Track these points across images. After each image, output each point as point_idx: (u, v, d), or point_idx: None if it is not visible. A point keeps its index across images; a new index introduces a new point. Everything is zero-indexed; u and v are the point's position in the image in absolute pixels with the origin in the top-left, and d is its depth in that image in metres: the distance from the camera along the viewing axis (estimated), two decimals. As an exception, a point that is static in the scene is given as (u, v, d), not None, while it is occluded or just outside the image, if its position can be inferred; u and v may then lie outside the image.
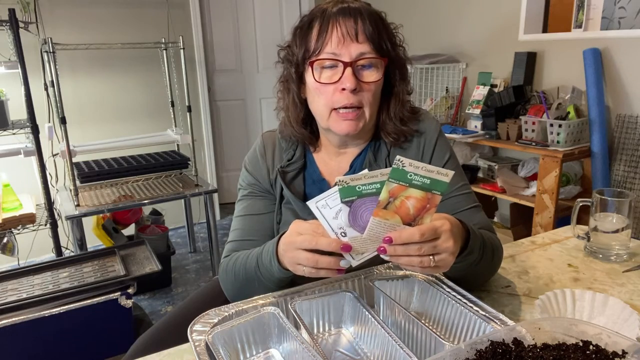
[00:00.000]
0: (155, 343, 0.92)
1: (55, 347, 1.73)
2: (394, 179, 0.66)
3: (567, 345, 0.59)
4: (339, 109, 0.91)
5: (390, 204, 0.68)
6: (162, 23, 3.28)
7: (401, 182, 0.67)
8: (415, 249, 0.68)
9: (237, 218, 1.04)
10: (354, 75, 0.88)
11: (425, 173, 0.66)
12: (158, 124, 3.26)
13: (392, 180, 0.66)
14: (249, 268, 0.89)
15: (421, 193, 0.68)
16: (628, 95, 2.33)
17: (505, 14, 2.80)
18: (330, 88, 0.90)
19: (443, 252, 0.70)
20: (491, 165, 2.80)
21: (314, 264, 0.72)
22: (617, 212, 1.04)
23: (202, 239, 3.41)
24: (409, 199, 0.68)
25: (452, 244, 0.70)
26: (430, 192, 0.68)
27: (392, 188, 0.67)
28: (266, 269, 0.84)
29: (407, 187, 0.67)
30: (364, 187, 0.68)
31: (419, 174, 0.66)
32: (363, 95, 0.90)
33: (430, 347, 0.70)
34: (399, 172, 0.66)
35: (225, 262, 0.98)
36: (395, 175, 0.66)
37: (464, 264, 0.80)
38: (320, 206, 0.71)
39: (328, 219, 0.71)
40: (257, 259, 0.87)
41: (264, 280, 0.86)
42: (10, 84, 2.55)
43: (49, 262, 1.94)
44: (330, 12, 0.90)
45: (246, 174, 1.06)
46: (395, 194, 0.67)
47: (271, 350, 0.77)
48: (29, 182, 2.83)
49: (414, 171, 0.66)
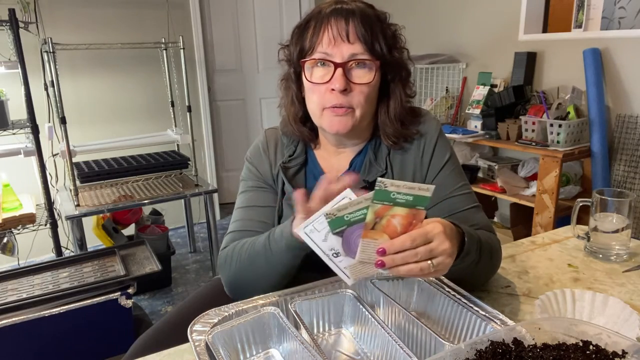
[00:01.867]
0: (155, 343, 0.92)
1: (55, 347, 1.73)
2: (378, 200, 0.68)
3: (567, 345, 0.59)
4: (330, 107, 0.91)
5: (377, 224, 0.69)
6: (162, 23, 3.28)
7: (385, 202, 0.68)
8: (411, 256, 0.68)
9: (239, 209, 1.04)
10: (344, 76, 0.88)
11: (407, 190, 0.68)
12: (158, 124, 3.26)
13: (377, 202, 0.68)
14: (258, 245, 0.89)
15: (405, 210, 0.69)
16: (628, 95, 2.33)
17: (505, 14, 2.80)
18: (322, 88, 0.91)
19: (440, 254, 0.69)
20: (491, 165, 2.80)
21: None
22: (617, 212, 1.04)
23: (202, 239, 3.41)
24: (394, 217, 0.69)
25: (448, 245, 0.70)
26: (415, 208, 0.69)
27: (377, 209, 0.69)
28: (276, 243, 0.85)
29: (391, 206, 0.69)
30: (351, 215, 0.70)
31: (401, 192, 0.68)
32: (354, 96, 0.90)
33: (430, 347, 0.70)
34: (382, 193, 0.68)
35: (225, 251, 0.98)
36: (379, 196, 0.68)
37: (462, 266, 0.80)
38: (308, 231, 0.73)
39: (318, 242, 0.72)
40: (268, 235, 0.88)
41: (272, 257, 0.87)
42: (10, 84, 2.55)
43: (49, 262, 1.93)
44: (324, 12, 0.91)
45: (249, 166, 1.06)
46: (380, 214, 0.69)
47: (271, 350, 0.77)
48: (29, 182, 2.82)
49: (396, 190, 0.68)
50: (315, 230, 0.72)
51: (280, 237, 0.85)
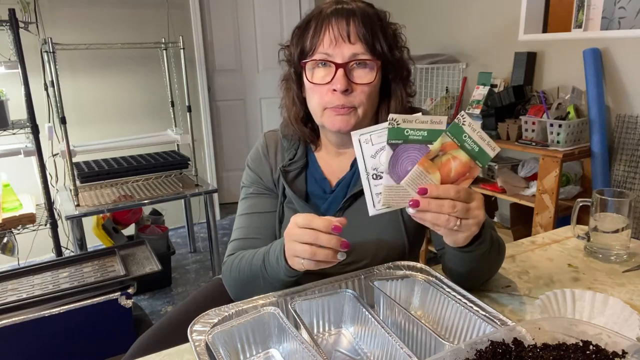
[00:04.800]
0: (155, 343, 0.92)
1: (55, 347, 1.73)
2: (451, 133, 0.66)
3: (567, 345, 0.59)
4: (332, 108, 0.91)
5: (438, 157, 0.67)
6: (162, 23, 3.28)
7: (456, 139, 0.66)
8: (449, 206, 0.67)
9: (241, 216, 1.04)
10: (345, 77, 0.88)
11: (478, 139, 0.66)
12: (158, 124, 3.26)
13: (449, 135, 0.66)
14: (255, 266, 0.89)
15: (467, 158, 0.67)
16: (628, 95, 2.33)
17: (505, 14, 2.80)
18: (324, 88, 0.91)
19: (472, 218, 0.70)
20: (491, 165, 2.80)
21: (312, 256, 0.72)
22: (617, 212, 1.04)
23: (202, 239, 3.41)
24: (455, 159, 0.67)
25: (482, 213, 0.70)
26: (474, 161, 0.68)
27: (446, 142, 0.66)
28: (272, 268, 0.84)
29: (458, 147, 0.67)
30: (412, 132, 0.67)
31: (472, 138, 0.66)
32: (355, 96, 0.90)
33: (430, 347, 0.70)
34: (458, 128, 0.66)
35: (229, 260, 0.98)
36: (453, 130, 0.66)
37: (476, 254, 0.80)
38: (362, 140, 0.69)
39: (366, 155, 0.69)
40: (263, 258, 0.87)
41: (269, 279, 0.86)
42: (10, 84, 2.55)
43: (49, 262, 1.93)
44: (325, 13, 0.91)
45: (249, 173, 1.06)
46: (445, 149, 0.67)
47: (271, 350, 0.77)
48: (29, 182, 2.83)
49: (470, 133, 0.66)
50: (370, 141, 0.69)
51: (277, 264, 0.82)
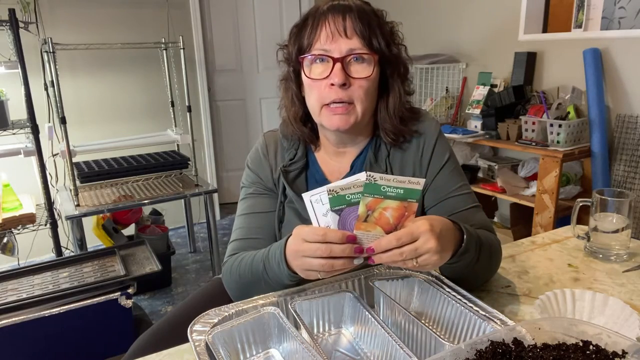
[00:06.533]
0: (155, 343, 0.92)
1: (55, 347, 1.73)
2: (368, 193, 0.69)
3: (567, 345, 0.59)
4: (330, 104, 0.91)
5: (370, 216, 0.71)
6: (162, 23, 3.28)
7: (376, 195, 0.70)
8: (397, 255, 0.70)
9: (241, 216, 1.04)
10: (343, 71, 0.89)
11: (397, 184, 0.69)
12: (158, 124, 3.26)
13: (367, 195, 0.69)
14: (255, 271, 0.88)
15: (397, 203, 0.71)
16: (628, 95, 2.33)
17: (505, 14, 2.80)
18: (322, 84, 0.91)
19: (425, 252, 0.71)
20: (491, 165, 2.80)
21: (330, 269, 0.73)
22: (617, 212, 1.04)
23: (202, 239, 3.41)
24: (386, 209, 0.71)
25: (434, 243, 0.70)
26: (406, 201, 0.71)
27: (368, 202, 0.70)
28: (274, 274, 0.84)
29: (382, 199, 0.70)
30: (353, 195, 0.71)
31: (391, 186, 0.69)
32: (353, 90, 0.90)
33: (430, 347, 0.70)
34: (372, 186, 0.69)
35: (229, 262, 0.97)
36: (368, 190, 0.69)
37: (461, 264, 0.80)
38: (313, 200, 0.73)
39: (318, 214, 0.73)
40: (263, 263, 0.86)
41: (272, 283, 0.86)
42: (10, 84, 2.55)
43: (49, 262, 1.93)
44: (321, 10, 0.92)
45: (249, 173, 1.06)
46: (372, 207, 0.70)
47: (271, 350, 0.77)
48: (29, 182, 2.83)
49: (386, 184, 0.69)
50: (320, 201, 0.73)
51: (279, 270, 0.82)
